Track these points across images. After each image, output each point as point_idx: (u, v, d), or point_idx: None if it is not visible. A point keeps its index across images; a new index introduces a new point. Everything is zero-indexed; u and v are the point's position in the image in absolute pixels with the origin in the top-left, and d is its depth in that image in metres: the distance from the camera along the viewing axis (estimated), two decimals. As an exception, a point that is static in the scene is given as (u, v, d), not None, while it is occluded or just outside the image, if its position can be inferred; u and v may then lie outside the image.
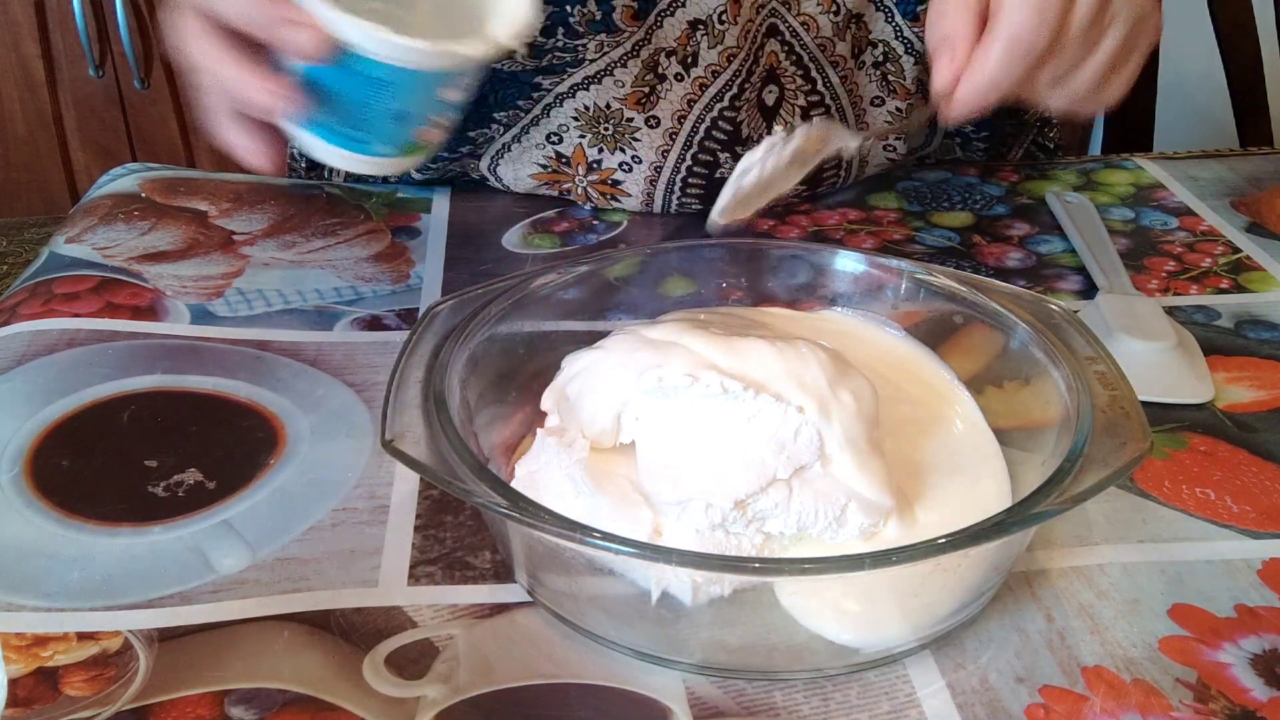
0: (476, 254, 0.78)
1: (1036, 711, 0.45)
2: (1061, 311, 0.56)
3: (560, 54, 0.76)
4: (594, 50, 0.76)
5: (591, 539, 0.43)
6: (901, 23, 0.80)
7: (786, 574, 0.45)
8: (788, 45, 0.78)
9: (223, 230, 0.79)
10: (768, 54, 0.78)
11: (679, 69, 0.77)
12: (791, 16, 0.78)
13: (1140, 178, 0.89)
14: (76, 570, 0.51)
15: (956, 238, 0.80)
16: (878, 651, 0.47)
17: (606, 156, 0.80)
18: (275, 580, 0.51)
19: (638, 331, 0.53)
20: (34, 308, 0.70)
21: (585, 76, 0.78)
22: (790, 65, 0.79)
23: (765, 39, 0.78)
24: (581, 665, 0.47)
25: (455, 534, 0.54)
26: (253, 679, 0.46)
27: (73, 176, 2.06)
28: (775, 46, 0.78)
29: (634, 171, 0.80)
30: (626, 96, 0.78)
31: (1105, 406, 0.49)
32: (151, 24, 1.94)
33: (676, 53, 0.77)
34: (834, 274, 0.63)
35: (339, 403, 0.63)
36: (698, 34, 0.76)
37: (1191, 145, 1.05)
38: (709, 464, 0.47)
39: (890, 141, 0.84)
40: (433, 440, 0.47)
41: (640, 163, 0.80)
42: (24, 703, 0.46)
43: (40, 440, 0.59)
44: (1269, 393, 0.64)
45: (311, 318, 0.70)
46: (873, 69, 0.81)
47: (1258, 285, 0.75)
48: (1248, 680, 0.47)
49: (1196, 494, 0.57)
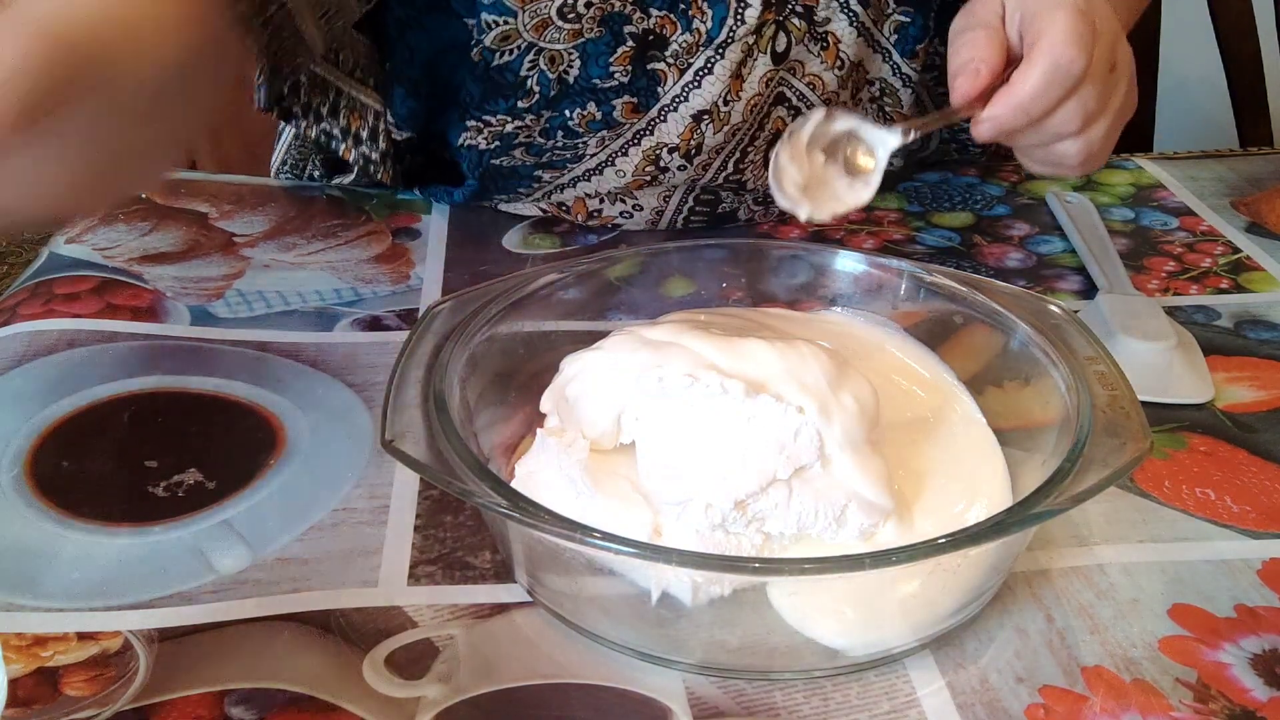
0: (476, 254, 0.78)
1: (1036, 711, 0.45)
2: (1061, 311, 0.56)
3: (560, 152, 0.75)
4: (594, 145, 0.75)
5: (591, 539, 0.43)
6: (899, 61, 0.78)
7: (786, 574, 0.45)
8: (794, 109, 0.76)
9: (223, 232, 0.79)
10: (774, 120, 0.76)
11: (682, 161, 0.75)
12: (798, 81, 0.75)
13: (1140, 178, 0.89)
14: (76, 570, 0.51)
15: (957, 238, 0.80)
16: (877, 652, 0.47)
17: (607, 206, 0.80)
18: (275, 580, 0.51)
19: (637, 332, 0.53)
20: (34, 308, 0.70)
21: (586, 169, 0.77)
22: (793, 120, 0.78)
23: (772, 107, 0.76)
24: (581, 665, 0.47)
25: (455, 534, 0.54)
26: (253, 679, 0.46)
27: (73, 177, 2.06)
28: (782, 112, 0.76)
29: (634, 218, 0.80)
30: (628, 185, 0.77)
31: (1105, 406, 0.49)
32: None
33: (679, 148, 0.74)
34: (834, 274, 0.63)
35: (339, 403, 0.63)
36: (702, 124, 0.73)
37: (1191, 145, 1.04)
38: (709, 464, 0.47)
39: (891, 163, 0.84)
40: (433, 440, 0.47)
41: (641, 210, 0.80)
42: (24, 703, 0.46)
43: (40, 440, 0.59)
44: (1269, 393, 0.64)
45: (312, 319, 0.70)
46: (869, 104, 0.81)
47: (1258, 285, 0.75)
48: (1248, 680, 0.47)
49: (1196, 494, 0.57)
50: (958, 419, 0.56)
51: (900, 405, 0.56)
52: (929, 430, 0.55)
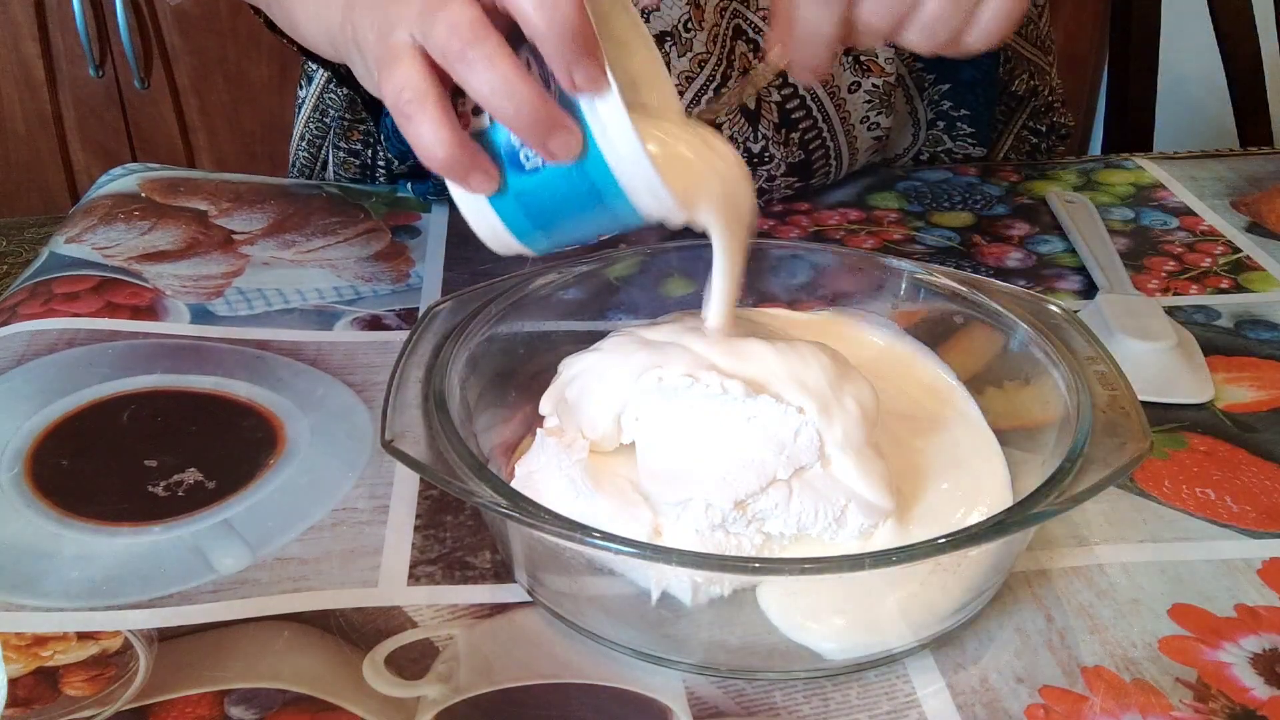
0: (476, 254, 0.77)
1: (1036, 711, 0.45)
2: (1061, 311, 0.56)
3: None
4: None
5: (591, 539, 0.43)
6: None
7: (786, 574, 0.45)
8: (753, 43, 0.79)
9: (222, 230, 0.79)
10: (739, 57, 0.79)
11: None
12: (751, 13, 0.78)
13: (1140, 178, 0.89)
14: (76, 570, 0.51)
15: (956, 238, 0.80)
16: (877, 653, 0.47)
17: None
18: (275, 580, 0.51)
19: (636, 333, 0.53)
20: (34, 308, 0.70)
21: None
22: (760, 64, 0.79)
23: (733, 41, 0.78)
24: (581, 665, 0.47)
25: (455, 534, 0.54)
26: (253, 679, 0.46)
27: (73, 176, 2.06)
28: (744, 48, 0.79)
29: None
30: None
31: (1105, 406, 0.49)
32: (151, 24, 1.94)
33: None
34: (834, 274, 0.63)
35: (339, 403, 0.63)
36: (666, 44, 0.77)
37: (1191, 145, 1.05)
38: (709, 464, 0.47)
39: (873, 119, 0.84)
40: (433, 440, 0.47)
41: None
42: (24, 702, 0.46)
43: (40, 440, 0.59)
44: (1269, 393, 0.64)
45: (311, 317, 0.70)
46: (844, 55, 0.81)
47: (1258, 285, 0.75)
48: (1248, 679, 0.47)
49: (1196, 494, 0.57)
50: (957, 419, 0.56)
51: (900, 405, 0.56)
52: (929, 430, 0.55)
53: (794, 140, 0.81)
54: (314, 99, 0.93)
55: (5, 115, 2.00)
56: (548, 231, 0.49)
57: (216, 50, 1.96)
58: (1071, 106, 1.00)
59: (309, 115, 0.93)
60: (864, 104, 0.84)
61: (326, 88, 0.91)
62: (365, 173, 0.89)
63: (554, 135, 0.45)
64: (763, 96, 0.81)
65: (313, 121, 0.93)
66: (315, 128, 0.93)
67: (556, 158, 0.45)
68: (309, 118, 0.93)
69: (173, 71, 1.98)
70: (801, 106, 0.82)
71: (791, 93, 0.81)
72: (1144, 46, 1.23)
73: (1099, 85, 2.15)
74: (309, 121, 0.93)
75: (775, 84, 0.81)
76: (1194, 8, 1.23)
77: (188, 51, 1.96)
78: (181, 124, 2.02)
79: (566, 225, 0.49)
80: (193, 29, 1.94)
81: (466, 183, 0.47)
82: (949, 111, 0.90)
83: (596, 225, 0.49)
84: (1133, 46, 1.23)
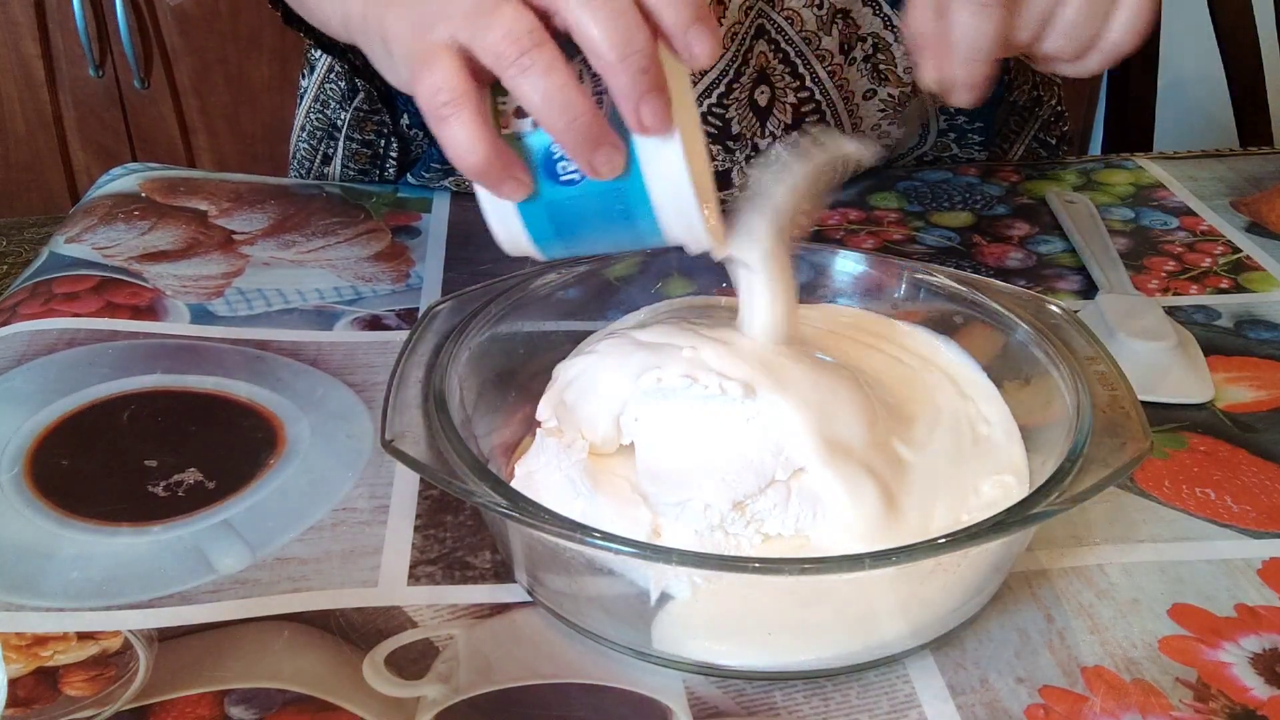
0: (476, 254, 0.78)
1: (1036, 711, 0.45)
2: (1061, 311, 0.56)
3: None
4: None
5: (591, 539, 0.43)
6: (890, 12, 0.80)
7: (786, 574, 0.45)
8: (774, 43, 0.79)
9: (223, 230, 0.79)
10: (758, 55, 0.78)
11: None
12: (777, 14, 0.78)
13: (1140, 178, 0.89)
14: (76, 570, 0.51)
15: (956, 238, 0.80)
16: (877, 653, 0.47)
17: None
18: (275, 580, 0.51)
19: (630, 334, 0.53)
20: (34, 308, 0.70)
21: None
22: (779, 64, 0.79)
23: (754, 41, 0.78)
24: (581, 665, 0.47)
25: (455, 534, 0.54)
26: (253, 679, 0.46)
27: (73, 176, 2.06)
28: (764, 47, 0.78)
29: None
30: None
31: (1105, 406, 0.49)
32: (151, 24, 1.94)
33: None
34: (834, 274, 0.63)
35: (339, 403, 0.63)
36: None
37: (1191, 145, 1.05)
38: (708, 465, 0.47)
39: (885, 128, 0.84)
40: (433, 440, 0.47)
41: None
42: (24, 703, 0.45)
43: (40, 440, 0.59)
44: (1269, 393, 0.64)
45: (311, 317, 0.70)
46: (863, 63, 0.81)
47: (1258, 285, 0.75)
48: (1248, 679, 0.47)
49: (1196, 494, 0.57)
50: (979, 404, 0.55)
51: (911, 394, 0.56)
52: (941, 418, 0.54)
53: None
54: (315, 89, 0.93)
55: (5, 115, 2.00)
56: (568, 241, 0.49)
57: (216, 50, 1.96)
58: (1071, 106, 1.00)
59: (310, 106, 0.93)
60: (877, 112, 0.84)
61: (327, 78, 0.91)
62: (375, 164, 0.89)
63: (600, 152, 0.44)
64: (778, 96, 0.81)
65: (314, 113, 0.92)
66: (316, 119, 0.93)
67: (599, 174, 0.45)
68: (310, 109, 0.93)
69: (173, 72, 1.97)
70: (816, 110, 0.82)
71: (808, 96, 0.81)
72: (1144, 47, 1.23)
73: (1099, 85, 2.15)
74: (310, 113, 0.93)
75: (793, 86, 0.81)
76: (1194, 8, 1.23)
77: (188, 52, 1.96)
78: (181, 124, 2.02)
79: (588, 238, 0.49)
80: (193, 29, 1.94)
81: (498, 189, 0.46)
82: (963, 125, 0.90)
83: (616, 241, 0.49)
84: (1133, 46, 1.23)
